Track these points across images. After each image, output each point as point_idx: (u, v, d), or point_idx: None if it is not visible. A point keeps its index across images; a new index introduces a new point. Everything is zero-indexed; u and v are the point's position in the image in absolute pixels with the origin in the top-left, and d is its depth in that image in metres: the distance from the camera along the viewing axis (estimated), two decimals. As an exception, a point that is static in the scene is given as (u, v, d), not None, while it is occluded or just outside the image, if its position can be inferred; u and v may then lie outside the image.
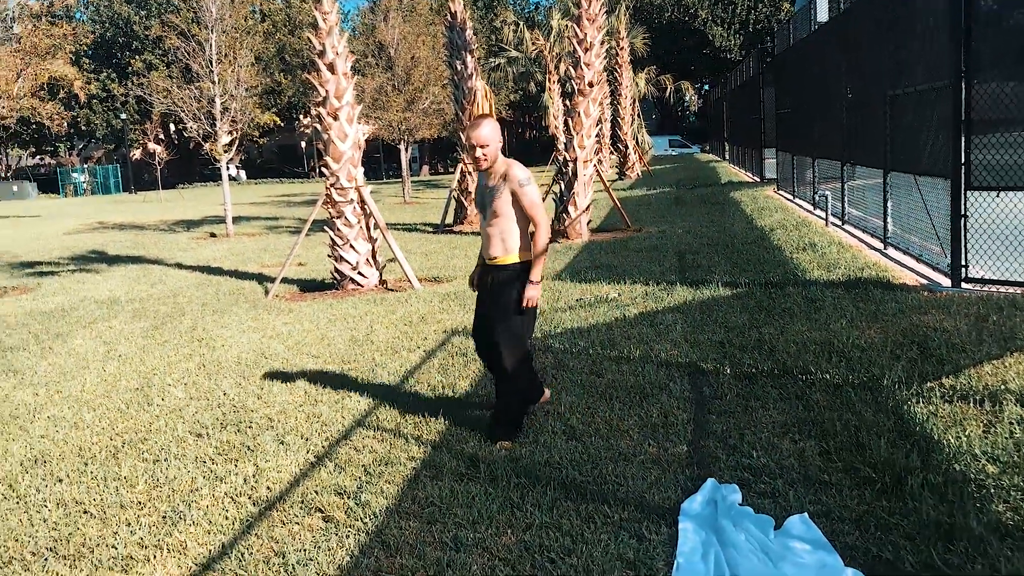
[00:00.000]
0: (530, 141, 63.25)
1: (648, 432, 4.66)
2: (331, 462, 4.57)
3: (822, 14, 15.10)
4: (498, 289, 4.65)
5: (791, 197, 16.79)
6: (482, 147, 4.42)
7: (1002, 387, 4.77)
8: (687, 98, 60.00)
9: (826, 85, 12.89)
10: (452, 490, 4.09)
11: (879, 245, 9.93)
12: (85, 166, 60.53)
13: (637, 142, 32.19)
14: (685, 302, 7.88)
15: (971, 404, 4.57)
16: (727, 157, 36.10)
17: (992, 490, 3.59)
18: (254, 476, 4.48)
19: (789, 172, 17.30)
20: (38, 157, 65.22)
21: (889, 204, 9.65)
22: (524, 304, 4.59)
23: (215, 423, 5.44)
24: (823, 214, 12.84)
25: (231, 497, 4.23)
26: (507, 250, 4.59)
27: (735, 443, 4.39)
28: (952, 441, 4.10)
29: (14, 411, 6.09)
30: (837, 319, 6.70)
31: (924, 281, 7.91)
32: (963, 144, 7.16)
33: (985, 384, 4.86)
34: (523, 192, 4.51)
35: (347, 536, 3.71)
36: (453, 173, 44.92)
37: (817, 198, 12.86)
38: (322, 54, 10.49)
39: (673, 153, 49.87)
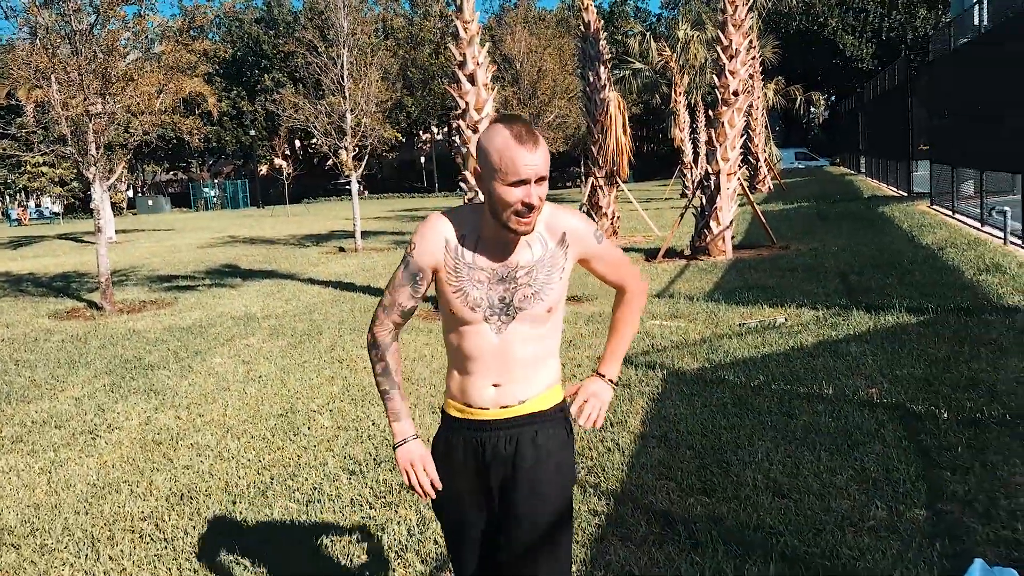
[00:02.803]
0: (649, 155, 62.31)
1: (871, 490, 3.97)
2: (502, 512, 4.05)
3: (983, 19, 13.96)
4: (544, 464, 2.31)
5: (949, 213, 15.56)
6: (541, 181, 2.16)
7: None
8: (815, 110, 57.99)
9: (1006, 90, 11.77)
10: (650, 556, 3.50)
11: (1079, 267, 8.88)
12: (215, 181, 62.66)
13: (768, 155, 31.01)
14: (868, 330, 7.08)
15: None
16: (863, 170, 34.43)
17: None
18: (418, 526, 3.99)
19: (946, 185, 16.06)
20: (171, 172, 67.91)
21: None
22: (588, 423, 2.43)
23: (367, 458, 5.01)
24: (996, 231, 11.74)
25: (396, 552, 3.75)
26: (552, 379, 2.37)
27: (986, 510, 3.66)
28: None
29: (157, 436, 5.81)
30: (1062, 354, 5.84)
31: None
32: None
33: None
34: (606, 249, 2.39)
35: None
36: (575, 187, 44.32)
37: (995, 214, 11.74)
38: (462, 65, 10.11)
39: (800, 166, 48.05)
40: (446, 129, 60.40)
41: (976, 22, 14.25)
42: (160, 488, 4.79)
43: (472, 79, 10.08)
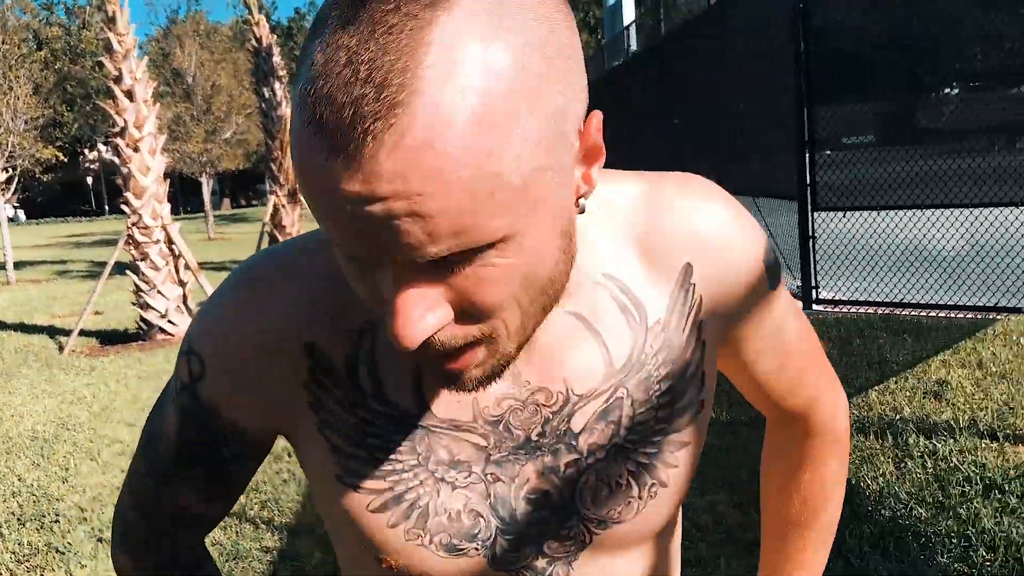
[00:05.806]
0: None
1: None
2: (166, 562, 3.77)
3: (633, 43, 15.34)
4: None
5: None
6: (456, 263, 0.59)
7: (896, 416, 4.58)
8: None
9: (647, 111, 12.98)
10: (324, 588, 3.41)
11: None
12: None
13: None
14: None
15: (872, 437, 4.34)
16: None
17: (932, 538, 3.30)
18: (67, 590, 3.61)
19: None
20: None
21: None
22: None
23: (11, 519, 4.47)
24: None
25: (39, 623, 3.37)
26: None
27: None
28: (869, 483, 3.82)
29: None
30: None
31: (773, 304, 7.86)
32: (808, 166, 7.18)
33: (879, 414, 4.67)
34: (787, 308, 0.85)
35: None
36: (260, 206, 43.19)
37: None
38: (119, 80, 9.43)
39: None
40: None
41: (625, 46, 15.61)
42: None
43: (130, 95, 9.44)
